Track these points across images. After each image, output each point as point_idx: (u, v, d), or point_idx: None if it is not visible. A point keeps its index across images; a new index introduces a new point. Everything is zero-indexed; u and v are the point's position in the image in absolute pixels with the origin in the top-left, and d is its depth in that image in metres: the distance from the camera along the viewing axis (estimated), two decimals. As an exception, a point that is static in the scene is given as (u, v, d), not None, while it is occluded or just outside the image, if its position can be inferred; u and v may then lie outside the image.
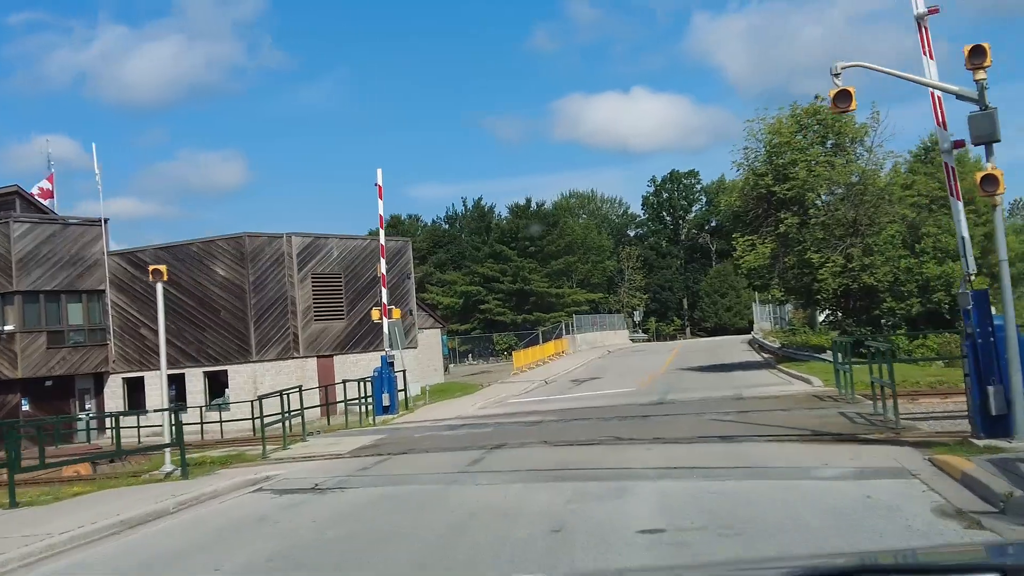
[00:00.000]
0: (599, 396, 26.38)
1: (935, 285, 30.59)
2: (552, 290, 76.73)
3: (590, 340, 64.32)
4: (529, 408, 24.25)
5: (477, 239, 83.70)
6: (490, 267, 77.74)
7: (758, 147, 31.84)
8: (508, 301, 77.28)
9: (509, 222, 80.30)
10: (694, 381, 28.99)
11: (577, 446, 14.30)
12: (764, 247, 30.80)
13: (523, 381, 37.24)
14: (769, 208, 31.95)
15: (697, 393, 22.99)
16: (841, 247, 30.03)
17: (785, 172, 31.00)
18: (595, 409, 21.32)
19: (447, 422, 21.94)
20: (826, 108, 31.04)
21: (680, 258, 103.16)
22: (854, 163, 30.52)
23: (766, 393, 21.07)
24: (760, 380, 26.88)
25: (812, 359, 32.06)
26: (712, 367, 36.74)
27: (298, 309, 34.78)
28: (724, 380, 28.24)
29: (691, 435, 14.11)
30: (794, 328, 45.14)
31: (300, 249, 35.12)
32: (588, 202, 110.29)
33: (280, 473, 14.38)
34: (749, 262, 30.81)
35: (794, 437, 13.05)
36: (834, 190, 30.62)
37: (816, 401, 18.14)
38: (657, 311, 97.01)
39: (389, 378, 26.48)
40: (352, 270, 36.65)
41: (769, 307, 62.06)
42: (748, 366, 36.04)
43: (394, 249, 38.64)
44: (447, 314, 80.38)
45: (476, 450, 14.82)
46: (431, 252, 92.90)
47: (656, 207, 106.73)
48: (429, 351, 43.42)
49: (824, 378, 22.40)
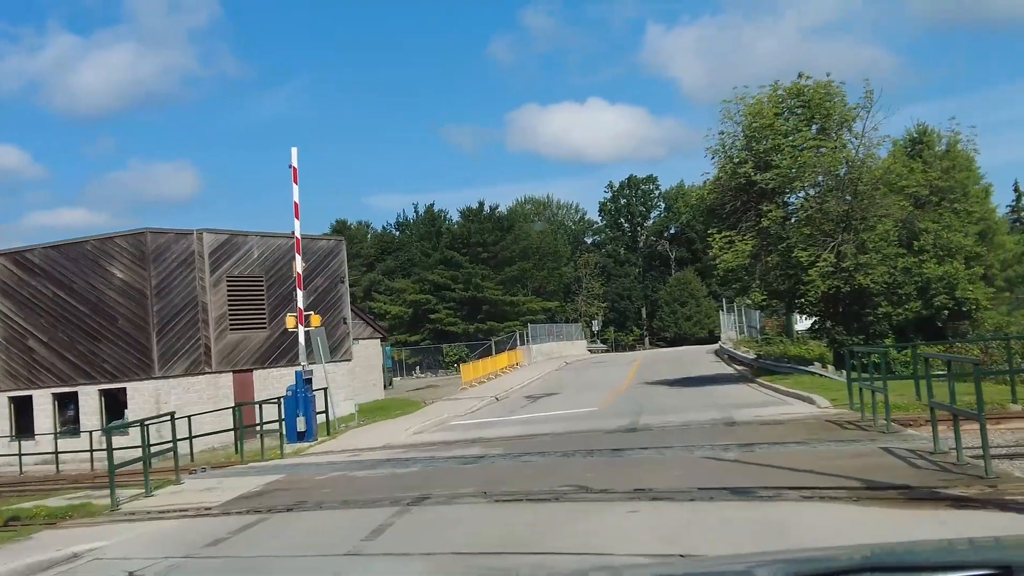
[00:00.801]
0: (557, 417, 22.25)
1: (936, 287, 27.02)
2: (506, 298, 72.54)
3: (546, 351, 60.26)
4: (473, 434, 20.01)
5: (427, 245, 79.32)
6: (440, 274, 73.34)
7: (736, 131, 28.09)
8: (460, 310, 72.93)
9: (461, 227, 76.02)
10: (667, 399, 24.98)
11: (528, 502, 10.10)
12: (744, 244, 26.96)
13: (471, 397, 32.98)
14: (749, 200, 28.15)
15: (676, 415, 18.93)
16: (832, 244, 26.30)
17: (767, 159, 27.25)
18: (552, 438, 17.15)
19: (369, 455, 17.61)
20: (811, 88, 27.46)
21: (639, 266, 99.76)
22: (844, 150, 26.86)
23: (764, 416, 17.07)
24: (745, 398, 22.94)
25: (796, 372, 28.35)
26: (682, 381, 32.82)
27: (211, 317, 30.15)
28: (702, 397, 24.26)
29: (688, 485, 9.99)
30: (768, 337, 41.51)
31: (213, 248, 30.53)
32: (544, 208, 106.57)
33: (102, 545, 9.98)
34: (727, 262, 26.93)
35: (841, 492, 9.00)
36: (823, 179, 26.91)
37: (836, 429, 14.14)
38: (616, 320, 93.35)
39: (305, 398, 22.05)
40: (276, 272, 32.12)
41: (734, 315, 58.53)
42: (722, 380, 32.17)
43: (326, 249, 34.21)
44: (396, 324, 75.86)
45: (387, 506, 10.59)
46: (379, 259, 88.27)
47: (614, 213, 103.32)
48: (367, 364, 38.98)
49: (831, 396, 18.49)
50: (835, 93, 27.13)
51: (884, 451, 11.23)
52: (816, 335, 31.53)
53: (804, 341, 37.02)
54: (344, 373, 34.09)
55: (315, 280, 33.38)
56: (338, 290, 34.20)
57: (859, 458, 10.95)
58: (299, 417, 21.69)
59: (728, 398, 23.26)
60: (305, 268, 24.72)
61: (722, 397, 23.81)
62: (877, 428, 13.46)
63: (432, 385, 44.40)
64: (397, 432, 22.21)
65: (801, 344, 35.95)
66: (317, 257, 33.64)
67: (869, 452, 11.33)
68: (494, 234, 74.34)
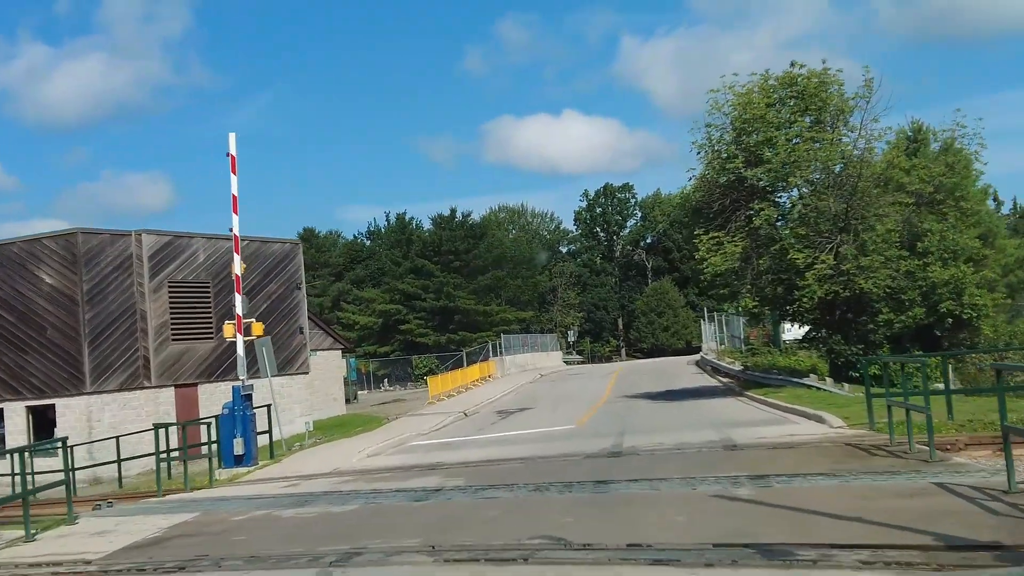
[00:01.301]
0: (530, 437, 19.79)
1: (942, 292, 24.83)
2: (479, 308, 69.99)
3: (520, 362, 57.83)
4: (434, 457, 17.51)
5: (397, 253, 76.57)
6: (411, 283, 70.68)
7: (724, 123, 25.83)
8: (431, 320, 70.28)
9: (432, 234, 73.40)
10: (652, 415, 22.59)
11: (487, 563, 7.63)
12: (733, 246, 24.67)
13: (438, 413, 30.44)
14: (739, 198, 25.90)
15: (665, 436, 16.52)
16: (831, 245, 24.09)
17: (758, 154, 25.03)
18: (524, 464, 14.68)
19: (309, 485, 15.05)
20: (804, 77, 25.30)
21: (615, 276, 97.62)
22: (842, 143, 24.69)
23: (770, 438, 14.68)
24: (740, 414, 20.60)
25: (789, 384, 26.07)
26: (665, 394, 30.48)
27: (150, 326, 27.42)
28: (691, 413, 21.89)
29: (697, 538, 7.57)
30: (753, 348, 39.27)
31: (154, 251, 27.81)
32: (518, 216, 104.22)
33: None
34: (715, 265, 24.61)
35: (912, 553, 6.60)
36: (820, 175, 24.72)
37: (863, 456, 11.78)
38: (592, 331, 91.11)
39: (244, 417, 19.41)
40: (225, 277, 29.39)
41: (714, 325, 56.29)
42: (708, 393, 29.87)
43: (280, 253, 31.57)
44: (365, 335, 73.12)
45: (304, 567, 8.08)
46: (348, 268, 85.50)
47: (589, 222, 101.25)
48: (328, 377, 36.31)
49: (843, 414, 16.17)
50: (832, 82, 24.98)
51: (940, 488, 8.87)
52: (809, 345, 29.27)
53: (793, 352, 34.82)
54: (300, 387, 31.45)
55: (269, 286, 30.77)
56: (294, 297, 31.56)
57: (913, 498, 8.57)
58: (236, 439, 19.05)
59: (721, 415, 20.89)
60: (245, 269, 22.14)
61: (714, 413, 21.45)
62: (915, 455, 11.13)
63: (399, 399, 41.79)
64: (350, 454, 19.63)
65: (790, 355, 33.71)
66: (271, 261, 31.03)
67: (921, 490, 8.95)
68: (466, 242, 71.82)
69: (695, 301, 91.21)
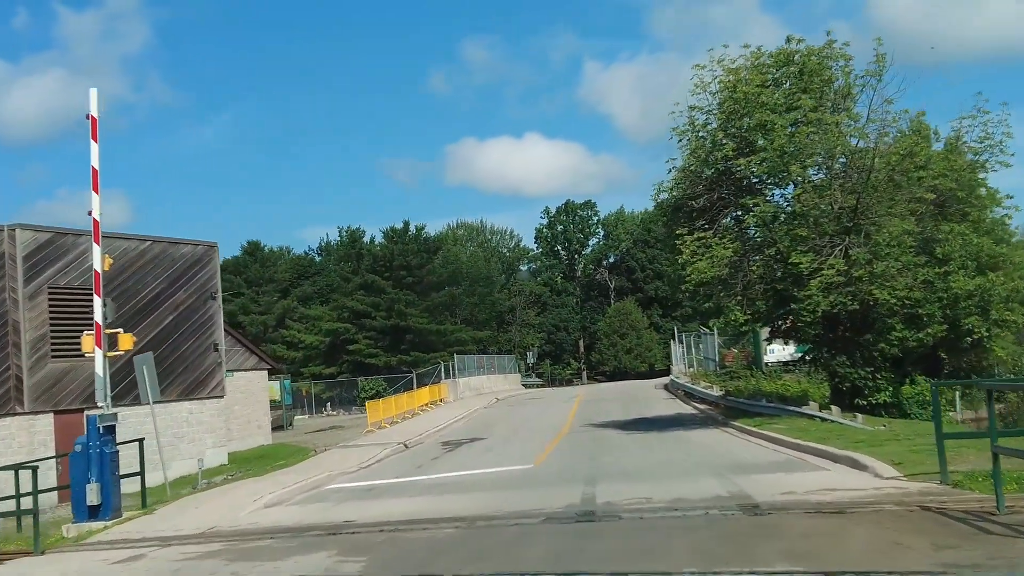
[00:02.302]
0: (476, 482, 15.55)
1: (966, 306, 21.10)
2: (432, 327, 65.49)
3: (476, 385, 53.50)
4: (342, 514, 13.20)
5: (347, 268, 71.90)
6: (360, 300, 66.01)
7: (711, 104, 22.00)
8: (381, 340, 65.56)
9: (383, 248, 68.80)
10: (627, 451, 18.44)
11: None
12: (723, 249, 20.71)
13: (374, 444, 26.07)
14: (727, 194, 22.05)
15: (652, 485, 12.38)
16: (839, 247, 20.27)
17: (751, 140, 21.22)
18: (459, 532, 10.42)
19: (155, 558, 10.66)
20: (803, 53, 21.56)
21: (576, 296, 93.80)
22: (852, 127, 20.95)
23: (800, 492, 10.57)
24: (739, 452, 16.53)
25: (784, 414, 22.18)
26: (638, 424, 26.44)
27: (24, 339, 22.72)
28: (675, 450, 17.79)
29: None
30: (731, 371, 35.47)
31: (31, 250, 23.16)
32: (477, 234, 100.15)
33: None
34: (700, 272, 20.62)
35: None
36: (825, 165, 20.95)
37: (971, 531, 7.73)
38: (552, 353, 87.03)
39: (102, 456, 14.86)
40: (121, 284, 24.85)
41: (683, 346, 52.53)
42: (687, 422, 25.89)
43: (192, 257, 27.03)
44: (311, 354, 68.28)
45: None
46: (295, 284, 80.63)
47: (550, 240, 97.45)
48: (250, 401, 31.72)
49: (892, 459, 12.13)
50: (837, 56, 21.28)
51: None
52: (807, 367, 25.41)
53: (777, 375, 31.10)
54: (213, 414, 26.85)
55: (177, 295, 26.21)
56: (208, 308, 26.99)
57: None
58: (90, 484, 14.53)
59: (714, 452, 16.82)
60: (111, 264, 17.67)
61: (704, 449, 17.38)
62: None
63: (337, 426, 37.24)
64: (243, 503, 15.19)
65: (775, 379, 29.94)
66: (181, 266, 26.48)
67: None
68: (420, 257, 67.45)
69: (659, 322, 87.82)
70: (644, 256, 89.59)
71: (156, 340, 25.42)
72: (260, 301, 76.32)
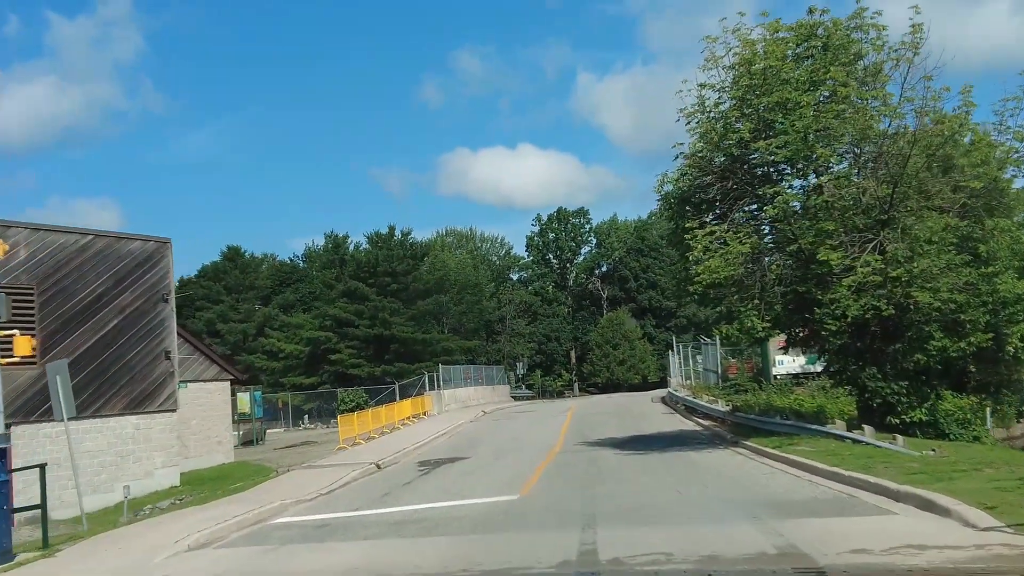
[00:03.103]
0: (449, 517, 12.83)
1: (1014, 312, 18.48)
2: (418, 336, 62.59)
3: (462, 397, 50.76)
4: (279, 563, 10.48)
5: (330, 275, 69.00)
6: (343, 308, 63.05)
7: (724, 80, 19.38)
8: (364, 349, 62.57)
9: (368, 254, 65.95)
10: (630, 479, 15.69)
11: None
12: (740, 245, 18.04)
13: (343, 464, 23.29)
14: (742, 183, 19.40)
15: (668, 531, 9.68)
16: (872, 243, 17.64)
17: (770, 121, 18.60)
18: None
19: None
20: (829, 25, 18.97)
21: (568, 305, 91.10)
22: (886, 107, 18.32)
23: (877, 550, 7.84)
24: (768, 483, 13.81)
25: (804, 432, 19.49)
26: (637, 442, 23.79)
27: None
28: (688, 478, 15.06)
29: None
30: (735, 383, 32.79)
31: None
32: (467, 241, 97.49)
33: None
34: (712, 271, 17.93)
35: None
36: (856, 149, 18.34)
37: None
38: (543, 364, 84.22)
39: (-13, 487, 12.06)
40: (58, 283, 22.07)
41: (680, 357, 49.81)
42: (692, 441, 23.23)
43: (140, 254, 24.21)
44: (291, 364, 65.33)
45: None
46: (276, 291, 77.72)
47: (542, 248, 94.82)
48: (210, 415, 28.87)
49: (977, 499, 9.44)
50: (867, 28, 18.71)
51: None
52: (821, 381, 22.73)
53: (789, 389, 28.44)
54: (164, 430, 24.01)
55: (122, 296, 23.41)
56: (159, 312, 24.17)
57: None
58: (-28, 523, 11.75)
59: (736, 483, 14.11)
60: (6, 252, 14.92)
61: (723, 480, 14.67)
62: None
63: (310, 441, 34.38)
64: (163, 545, 12.39)
65: (786, 394, 27.28)
66: (128, 264, 23.68)
67: None
68: (405, 263, 64.62)
69: (653, 333, 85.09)
70: (638, 265, 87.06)
71: (98, 346, 22.65)
72: (240, 308, 73.42)
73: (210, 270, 76.50)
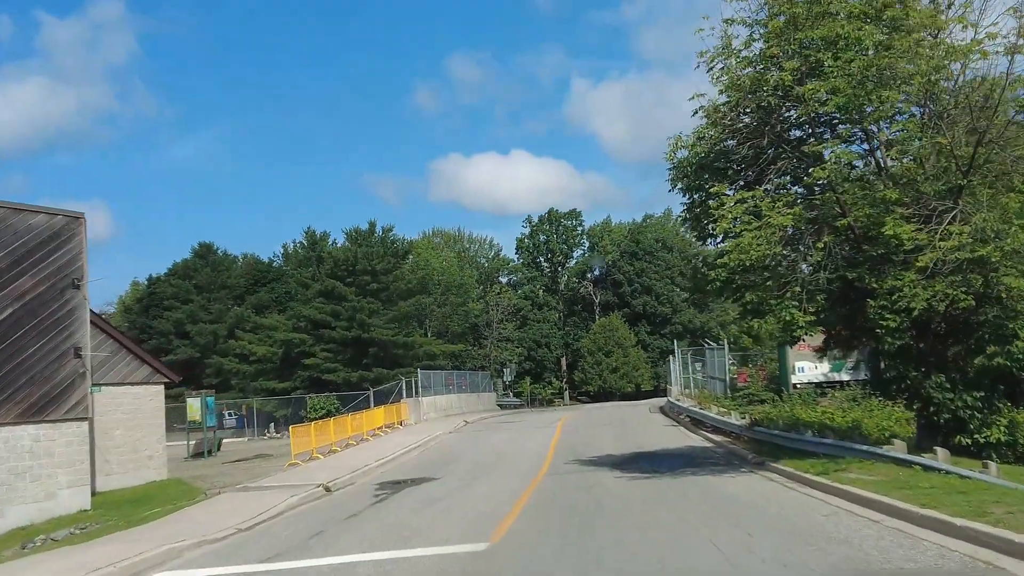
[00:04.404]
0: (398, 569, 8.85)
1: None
2: (399, 339, 58.49)
3: (443, 405, 46.68)
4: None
5: (306, 273, 64.86)
6: (319, 308, 58.86)
7: (759, 14, 15.47)
8: (341, 353, 58.38)
9: (346, 251, 61.83)
10: (639, 518, 11.67)
11: None
12: (780, 216, 14.09)
13: (287, 485, 19.24)
14: (779, 142, 15.46)
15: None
16: (951, 213, 13.73)
17: (817, 63, 14.67)
18: None
19: None
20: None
21: (559, 310, 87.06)
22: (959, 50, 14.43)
23: None
24: (835, 532, 9.80)
25: (849, 453, 15.58)
26: (639, 460, 19.88)
27: None
28: (715, 518, 11.05)
29: None
30: (749, 393, 28.89)
31: None
32: (455, 242, 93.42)
33: None
34: (744, 250, 13.98)
35: None
36: (927, 94, 14.41)
37: None
38: (532, 371, 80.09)
39: None
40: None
41: (679, 364, 45.79)
42: (706, 462, 19.29)
43: (44, 231, 20.03)
44: (264, 368, 61.13)
45: None
46: (250, 291, 73.41)
47: (532, 251, 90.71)
48: (138, 424, 24.70)
49: None
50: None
51: None
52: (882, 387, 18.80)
53: (812, 399, 24.54)
54: (72, 442, 19.86)
55: (20, 281, 19.27)
56: (67, 301, 20.08)
57: None
58: None
59: (797, 535, 10.10)
60: None
61: (769, 520, 10.67)
62: None
63: (264, 454, 30.25)
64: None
65: (812, 406, 23.34)
66: (28, 242, 19.53)
67: None
68: (386, 261, 60.55)
69: (647, 340, 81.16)
70: (632, 269, 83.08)
71: (-14, 340, 18.55)
72: (211, 309, 69.24)
73: (180, 268, 72.31)
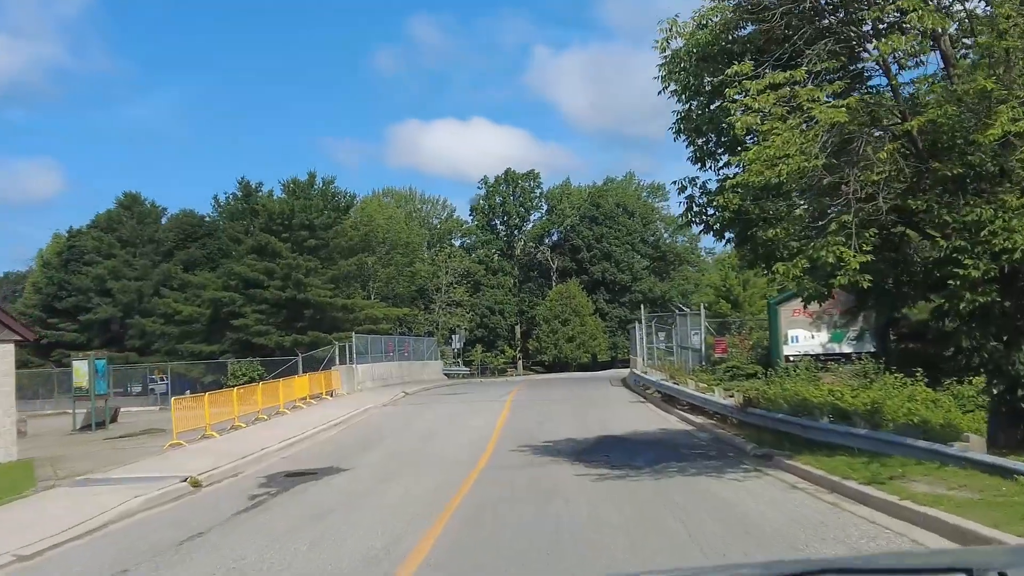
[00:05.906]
0: None
1: None
2: (338, 301, 53.62)
3: (381, 374, 42.12)
4: None
5: (238, 227, 59.45)
6: (251, 265, 53.66)
7: None
8: (274, 315, 53.36)
9: (282, 203, 56.53)
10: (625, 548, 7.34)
11: None
12: (830, 111, 9.67)
13: (140, 478, 14.58)
14: (817, 15, 10.99)
15: None
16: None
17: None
18: None
19: None
20: None
21: (514, 276, 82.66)
22: None
23: None
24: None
25: (899, 451, 11.44)
26: (606, 448, 15.60)
27: None
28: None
29: None
30: (732, 366, 24.76)
31: None
32: (407, 202, 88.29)
33: None
34: (773, 159, 9.58)
35: None
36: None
37: None
38: (484, 339, 75.71)
39: None
40: None
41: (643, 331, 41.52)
42: (692, 453, 15.09)
43: None
44: (190, 330, 55.92)
45: None
46: (180, 246, 67.65)
47: (487, 213, 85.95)
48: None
49: None
50: None
51: None
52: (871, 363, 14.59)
53: (812, 375, 20.45)
54: None
55: None
56: None
57: None
58: None
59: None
60: None
61: None
62: None
63: (155, 428, 25.48)
64: None
65: (816, 384, 19.19)
66: None
67: None
68: (326, 215, 55.54)
69: (605, 309, 77.28)
70: (591, 234, 78.86)
71: None
72: (135, 264, 63.60)
73: (103, 220, 66.42)
